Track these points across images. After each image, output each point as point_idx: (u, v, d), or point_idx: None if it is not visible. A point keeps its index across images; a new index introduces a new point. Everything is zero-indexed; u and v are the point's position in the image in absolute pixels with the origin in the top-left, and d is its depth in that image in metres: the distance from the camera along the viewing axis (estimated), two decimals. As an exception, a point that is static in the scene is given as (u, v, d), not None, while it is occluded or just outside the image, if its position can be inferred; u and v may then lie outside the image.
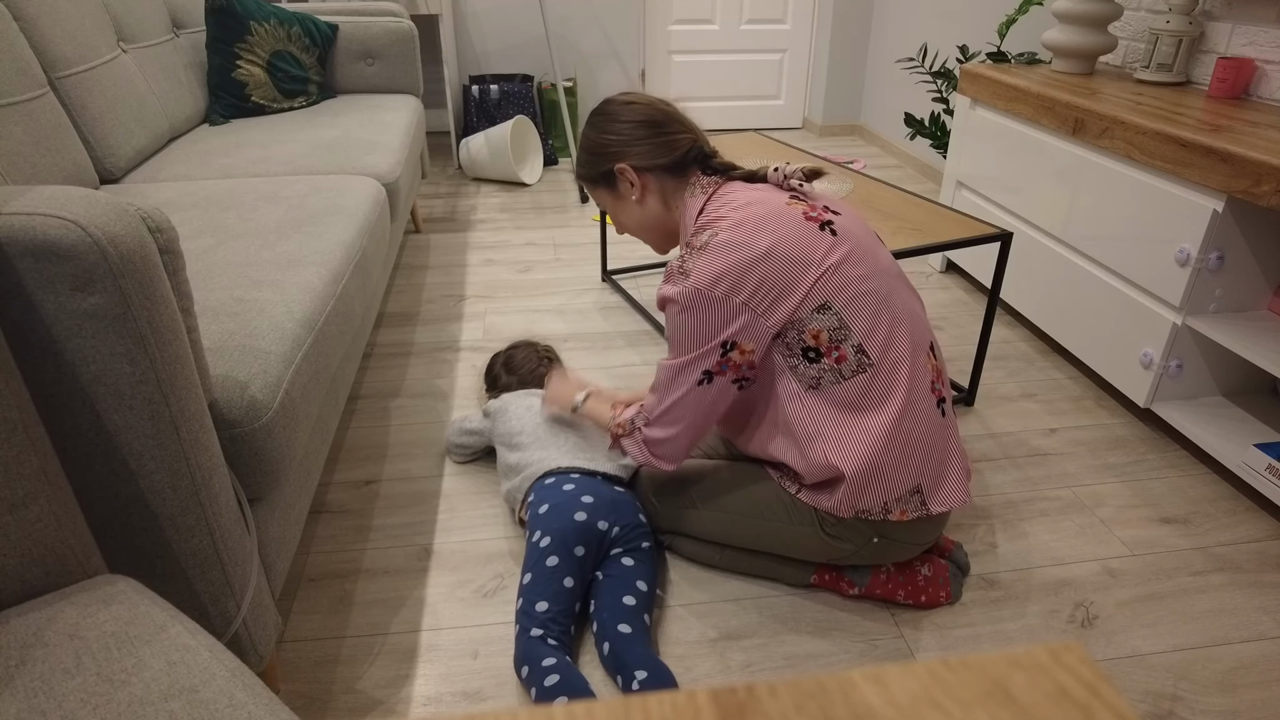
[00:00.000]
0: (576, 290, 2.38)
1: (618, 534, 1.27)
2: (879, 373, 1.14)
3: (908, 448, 1.15)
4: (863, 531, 1.19)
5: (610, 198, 1.32)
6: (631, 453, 1.28)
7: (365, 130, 2.23)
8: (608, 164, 1.27)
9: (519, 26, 3.81)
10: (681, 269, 1.15)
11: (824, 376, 1.14)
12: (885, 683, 0.25)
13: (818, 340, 1.13)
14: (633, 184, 1.26)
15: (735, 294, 1.11)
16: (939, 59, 3.35)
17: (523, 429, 1.46)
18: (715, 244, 1.12)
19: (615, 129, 1.26)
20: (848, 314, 1.13)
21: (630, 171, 1.25)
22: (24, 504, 0.71)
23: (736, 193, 1.19)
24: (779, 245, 1.12)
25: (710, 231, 1.14)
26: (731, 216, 1.14)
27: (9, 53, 1.51)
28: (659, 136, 1.24)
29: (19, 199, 0.73)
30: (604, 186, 1.31)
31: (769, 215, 1.14)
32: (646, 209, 1.28)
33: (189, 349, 0.85)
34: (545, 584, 1.18)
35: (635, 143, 1.24)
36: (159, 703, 0.63)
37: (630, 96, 1.27)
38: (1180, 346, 1.64)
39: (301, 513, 1.20)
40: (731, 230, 1.13)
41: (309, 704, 1.13)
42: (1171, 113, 1.70)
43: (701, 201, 1.22)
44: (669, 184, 1.26)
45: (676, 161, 1.24)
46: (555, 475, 1.34)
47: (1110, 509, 1.52)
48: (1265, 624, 1.27)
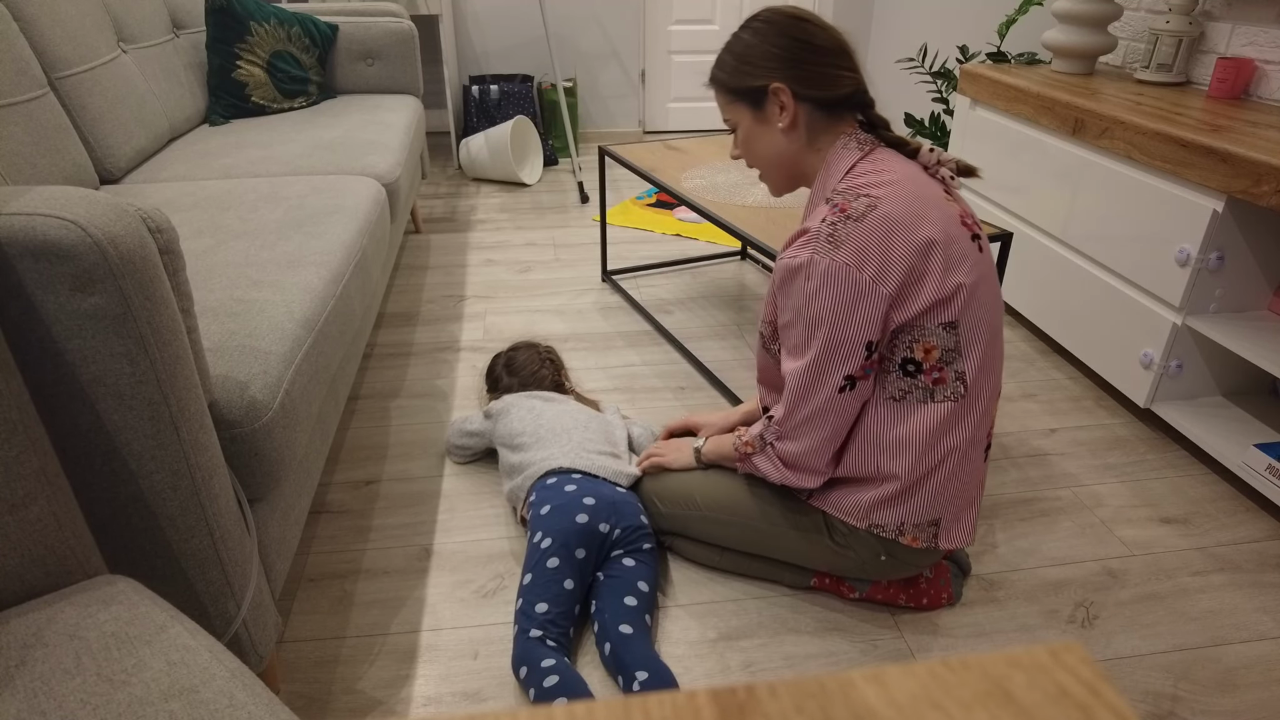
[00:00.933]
0: (576, 290, 2.38)
1: (619, 536, 1.26)
2: (964, 404, 1.09)
3: (948, 481, 1.13)
4: (870, 546, 1.18)
5: (751, 117, 1.15)
6: (765, 471, 1.17)
7: (365, 130, 2.23)
8: (763, 78, 1.11)
9: (519, 27, 3.81)
10: (833, 236, 1.01)
11: (912, 393, 1.07)
12: (885, 683, 0.25)
13: (927, 356, 1.05)
14: (783, 108, 1.11)
15: (882, 281, 1.00)
16: (939, 59, 3.35)
17: (524, 430, 1.45)
18: (876, 217, 1.00)
19: (779, 42, 1.09)
20: (966, 339, 1.05)
21: (787, 94, 1.10)
22: (24, 504, 0.71)
23: (893, 162, 1.08)
24: (939, 239, 1.02)
25: (867, 200, 1.02)
26: (889, 189, 1.03)
27: (9, 53, 1.51)
28: (830, 67, 1.09)
29: (19, 199, 0.73)
30: (746, 102, 1.15)
31: (930, 202, 1.03)
32: (789, 141, 1.13)
33: (189, 349, 0.85)
34: (545, 585, 1.18)
35: (797, 64, 1.09)
36: (159, 703, 0.63)
37: (800, 12, 1.11)
38: (1180, 347, 1.64)
39: (301, 513, 1.20)
40: (893, 204, 1.01)
41: (309, 704, 1.13)
42: (1171, 113, 1.70)
43: (855, 158, 1.09)
44: (820, 122, 1.12)
45: (838, 101, 1.10)
46: (557, 475, 1.33)
47: (1110, 509, 1.52)
48: (1265, 624, 1.27)
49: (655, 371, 1.96)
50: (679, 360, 2.01)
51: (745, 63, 1.12)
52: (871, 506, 1.14)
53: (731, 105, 1.17)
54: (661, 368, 1.97)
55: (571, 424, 1.46)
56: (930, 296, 1.02)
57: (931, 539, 1.16)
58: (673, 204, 3.10)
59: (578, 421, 1.47)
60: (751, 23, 1.13)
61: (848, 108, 1.12)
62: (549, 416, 1.47)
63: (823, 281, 1.01)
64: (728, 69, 1.15)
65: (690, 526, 1.32)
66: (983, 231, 1.11)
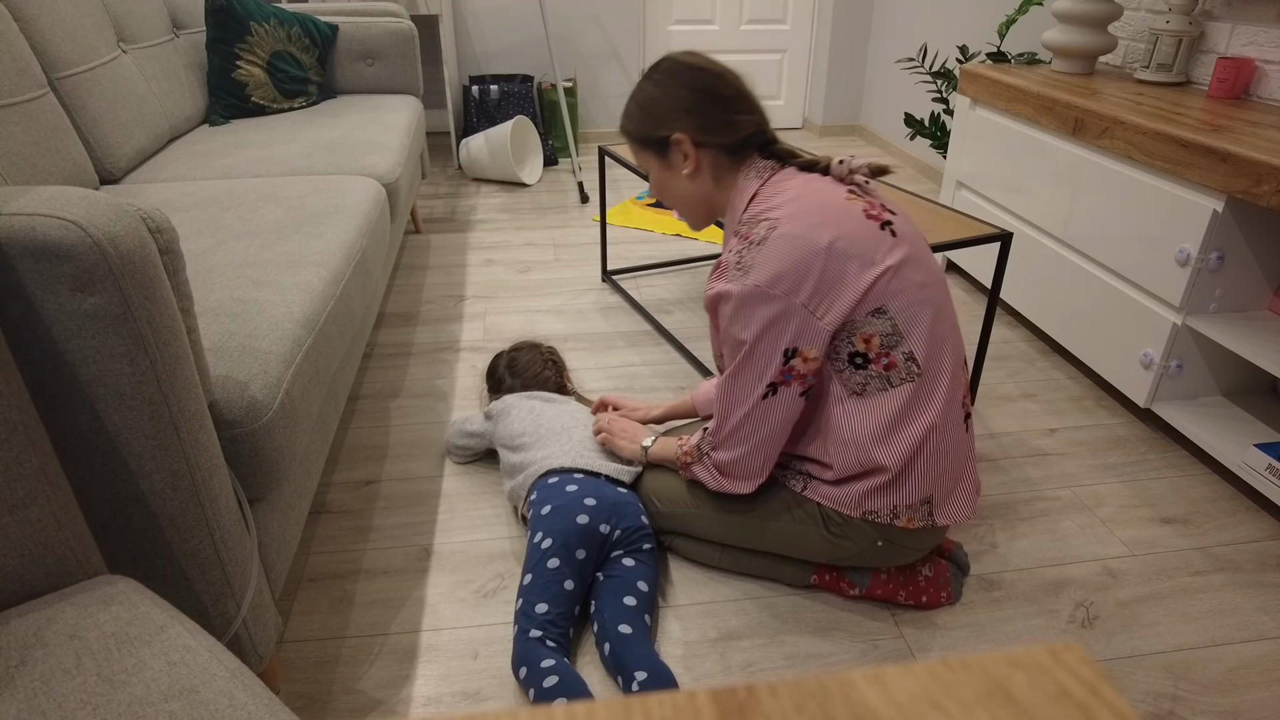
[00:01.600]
0: (576, 290, 2.38)
1: (619, 536, 1.26)
2: (924, 382, 1.11)
3: (932, 459, 1.14)
4: (866, 533, 1.19)
5: (657, 165, 1.22)
6: (703, 479, 1.24)
7: (365, 131, 2.23)
8: (663, 129, 1.17)
9: (519, 27, 3.81)
10: (740, 264, 1.07)
11: (870, 383, 1.10)
12: (885, 683, 0.25)
13: (868, 345, 1.09)
14: (687, 157, 1.17)
15: (795, 293, 1.05)
16: (939, 59, 3.35)
17: (525, 430, 1.45)
18: (775, 238, 1.05)
19: (679, 94, 1.15)
20: (903, 320, 1.09)
21: (688, 144, 1.16)
22: (24, 504, 0.71)
23: (792, 180, 1.13)
24: (839, 241, 1.06)
25: (768, 224, 1.07)
26: (788, 209, 1.08)
27: (9, 53, 1.51)
28: (724, 114, 1.15)
29: (19, 199, 0.73)
30: (652, 151, 1.21)
31: (827, 207, 1.08)
32: (697, 185, 1.20)
33: (189, 349, 0.85)
34: (546, 586, 1.18)
35: (697, 114, 1.14)
36: (159, 703, 0.63)
37: (700, 60, 1.16)
38: (1180, 346, 1.64)
39: (301, 513, 1.20)
40: (791, 222, 1.06)
41: (309, 704, 1.13)
42: (1171, 113, 1.70)
43: (755, 186, 1.15)
44: (724, 164, 1.18)
45: (739, 143, 1.16)
46: (558, 475, 1.33)
47: (1110, 509, 1.52)
48: (1265, 624, 1.27)
49: (655, 371, 1.96)
50: (679, 360, 2.01)
51: (649, 114, 1.18)
52: (864, 496, 1.15)
53: (640, 154, 1.24)
54: (661, 368, 1.97)
55: (572, 423, 1.46)
56: (852, 295, 1.06)
57: (927, 517, 1.17)
58: (673, 204, 3.09)
59: (578, 420, 1.47)
60: (653, 74, 1.18)
61: (751, 147, 1.17)
62: (549, 416, 1.47)
63: (738, 306, 1.08)
64: (634, 119, 1.21)
65: (689, 524, 1.32)
66: (896, 215, 1.13)
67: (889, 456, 1.12)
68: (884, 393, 1.11)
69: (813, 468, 1.20)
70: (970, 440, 1.20)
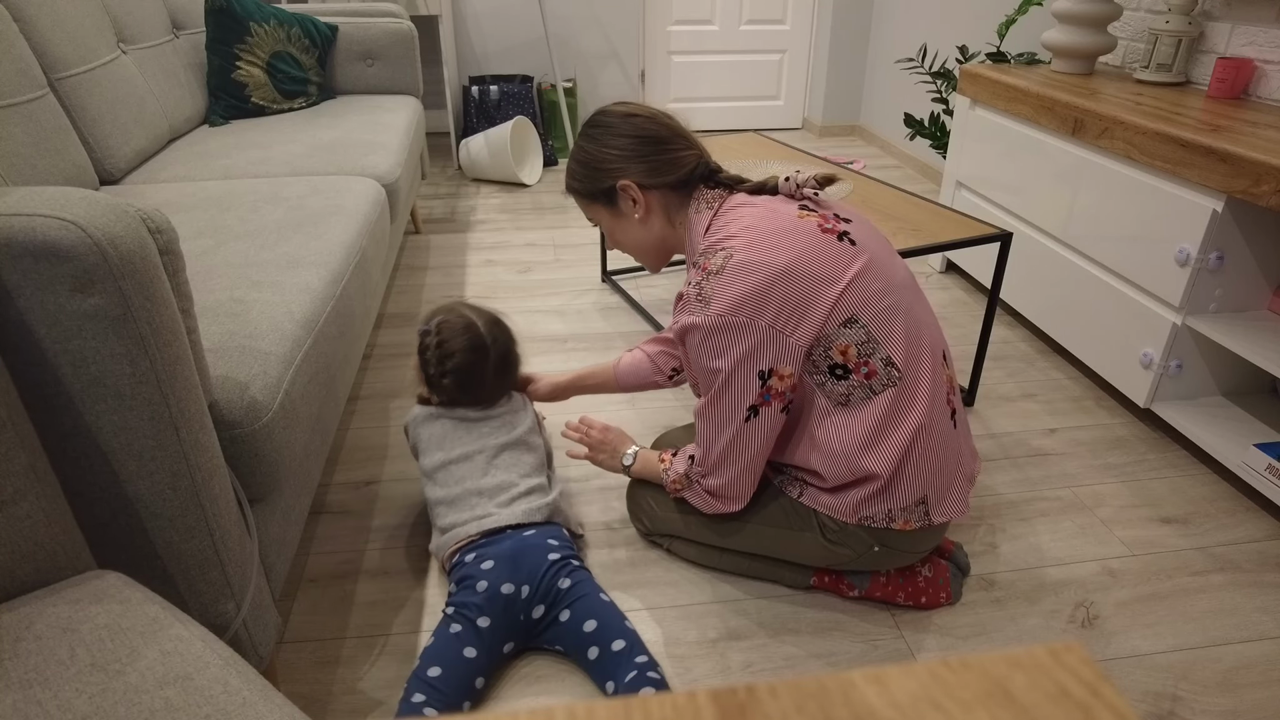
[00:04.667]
0: (576, 291, 2.38)
1: (530, 594, 1.15)
2: (905, 385, 1.11)
3: (923, 460, 1.13)
4: (863, 539, 1.18)
5: (608, 215, 1.24)
6: (695, 504, 1.25)
7: (365, 131, 2.23)
8: (608, 180, 1.19)
9: (519, 27, 3.81)
10: (700, 295, 1.09)
11: (854, 393, 1.11)
12: (885, 683, 0.25)
13: (845, 356, 1.09)
14: (635, 201, 1.19)
15: (759, 317, 1.06)
16: (938, 59, 3.36)
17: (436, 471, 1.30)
18: (732, 266, 1.07)
19: (616, 143, 1.18)
20: (875, 326, 1.09)
21: (634, 189, 1.18)
22: (13, 501, 0.71)
23: (744, 206, 1.14)
24: (798, 261, 1.06)
25: (724, 253, 1.08)
26: (743, 236, 1.09)
27: (9, 54, 1.51)
28: (664, 154, 1.17)
29: (19, 200, 0.73)
30: (601, 203, 1.23)
31: (782, 229, 1.09)
32: (649, 228, 1.22)
33: (189, 350, 0.85)
34: (443, 650, 1.10)
35: (638, 159, 1.17)
36: (154, 690, 0.63)
37: (630, 108, 1.20)
38: (1180, 346, 1.64)
39: (301, 513, 1.20)
40: (747, 250, 1.07)
41: (309, 704, 1.13)
42: (1171, 113, 1.70)
43: (708, 218, 1.16)
44: (673, 201, 1.20)
45: (681, 180, 1.19)
46: (467, 549, 1.22)
47: (1110, 509, 1.52)
48: (1265, 624, 1.27)
49: (655, 372, 1.95)
50: (679, 360, 2.01)
51: (591, 169, 1.20)
52: (859, 503, 1.15)
53: (590, 207, 1.26)
54: (661, 368, 1.97)
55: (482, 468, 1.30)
56: (820, 311, 1.07)
57: (924, 517, 1.17)
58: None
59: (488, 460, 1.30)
60: (588, 130, 1.21)
61: (695, 181, 1.19)
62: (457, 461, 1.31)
63: (705, 336, 1.08)
64: (578, 177, 1.23)
65: (686, 529, 1.33)
66: (851, 223, 1.14)
67: (878, 463, 1.12)
68: (868, 401, 1.11)
69: (808, 475, 1.21)
70: (959, 435, 1.20)
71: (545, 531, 1.24)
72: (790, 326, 1.06)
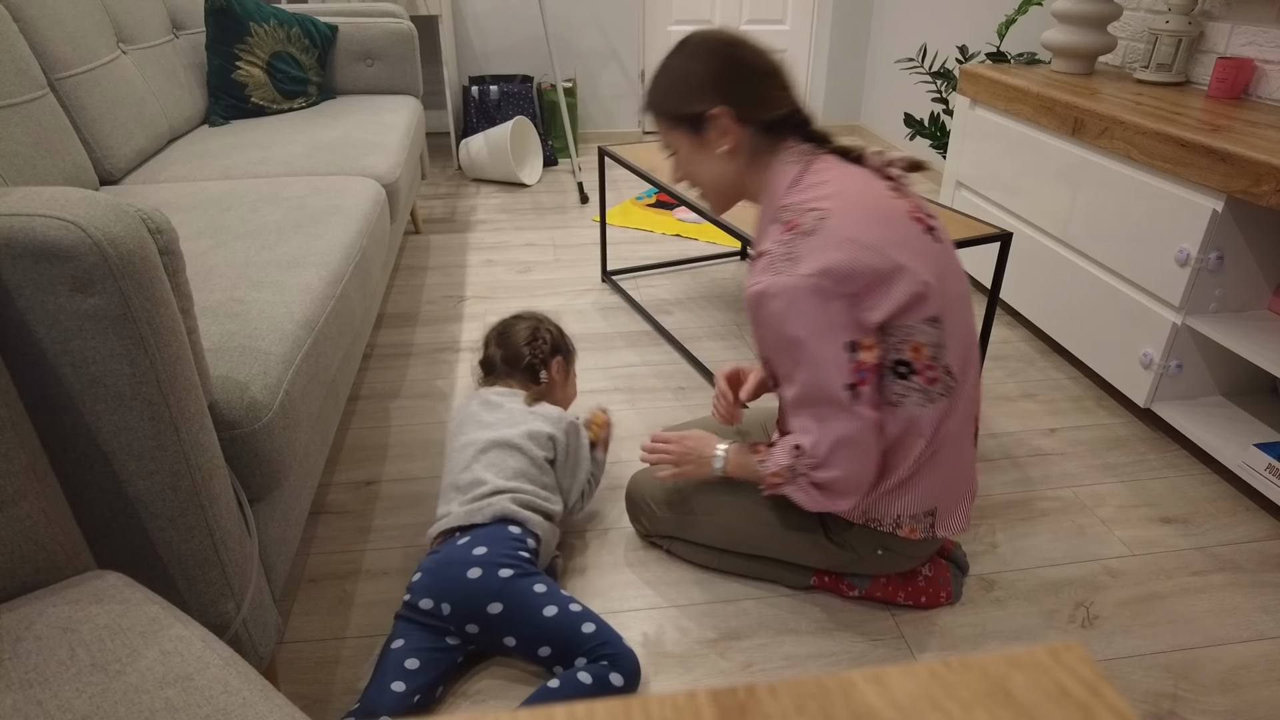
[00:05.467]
0: (576, 291, 2.38)
1: (452, 611, 1.11)
2: (955, 397, 1.08)
3: (941, 470, 1.13)
4: (868, 541, 1.18)
5: (690, 143, 1.13)
6: (798, 499, 1.13)
7: (365, 131, 2.23)
8: (700, 104, 1.08)
9: (519, 27, 3.81)
10: (789, 255, 1.00)
11: (910, 396, 1.06)
12: (886, 683, 0.25)
13: (917, 354, 1.04)
14: (725, 133, 1.09)
15: (845, 285, 0.99)
16: (938, 59, 3.35)
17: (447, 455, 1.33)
18: (826, 229, 0.99)
19: (718, 67, 1.07)
20: (948, 330, 1.04)
21: (727, 119, 1.07)
22: (13, 501, 0.71)
23: (835, 170, 1.06)
24: (889, 241, 1.00)
25: (816, 214, 1.01)
26: (836, 200, 1.02)
27: (9, 54, 1.51)
28: (768, 89, 1.08)
29: (19, 200, 0.73)
30: (685, 128, 1.12)
31: (877, 205, 1.03)
32: (731, 165, 1.12)
33: (189, 350, 0.85)
34: (380, 655, 1.11)
35: (738, 89, 1.07)
36: (154, 690, 0.63)
37: (734, 35, 1.09)
38: (1180, 346, 1.64)
39: (301, 513, 1.20)
40: (840, 215, 1.00)
41: (309, 704, 1.13)
42: (1171, 113, 1.70)
43: (796, 172, 1.08)
44: (762, 143, 1.10)
45: (777, 121, 1.09)
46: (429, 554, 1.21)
47: (1110, 509, 1.52)
48: (1265, 624, 1.27)
49: (655, 371, 1.96)
50: (679, 360, 2.01)
51: (683, 88, 1.10)
52: (869, 504, 1.14)
53: (670, 131, 1.15)
54: (661, 368, 1.97)
55: (465, 462, 1.28)
56: (900, 297, 1.01)
57: (929, 529, 1.16)
58: (673, 204, 3.10)
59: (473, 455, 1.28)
60: (685, 47, 1.11)
61: (788, 127, 1.10)
62: (456, 451, 1.32)
63: (789, 300, 1.00)
64: (664, 94, 1.13)
65: (687, 529, 1.32)
66: (937, 221, 1.10)
67: (902, 462, 1.10)
68: (921, 409, 1.07)
69: None
70: (974, 456, 1.19)
71: (478, 538, 1.16)
72: (868, 303, 1.00)
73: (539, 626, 1.10)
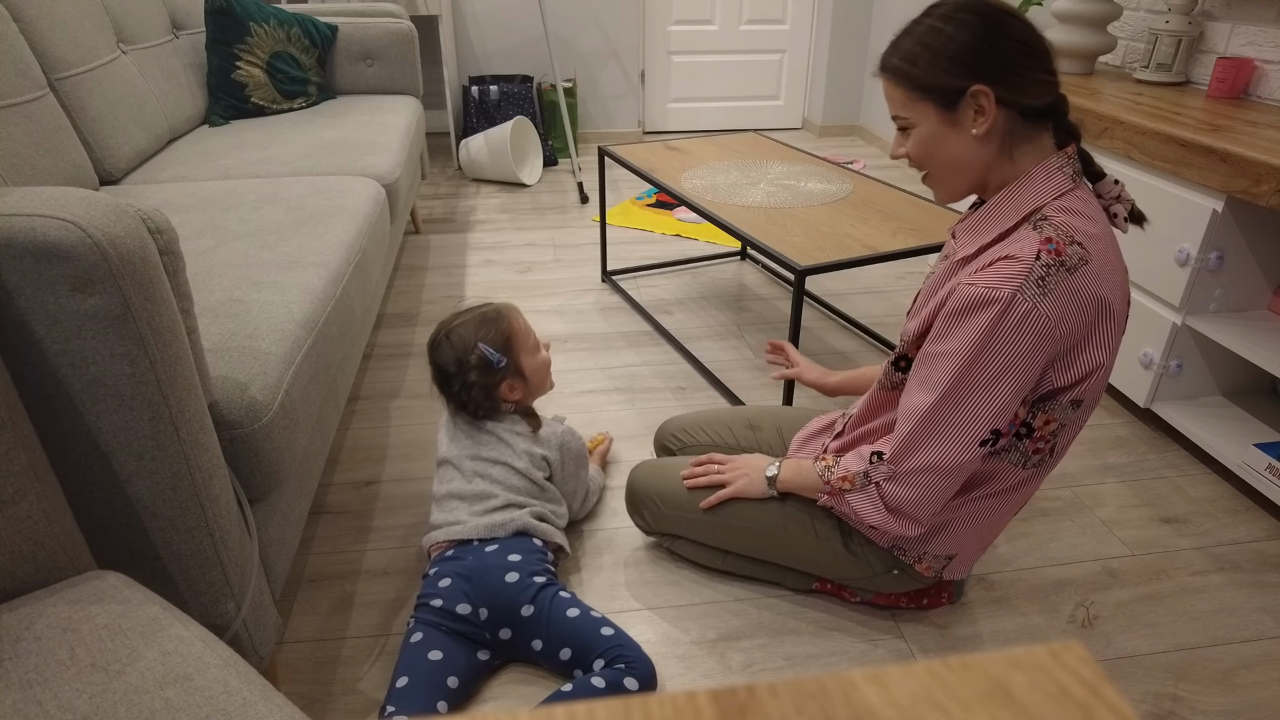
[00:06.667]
0: (576, 291, 2.38)
1: (490, 616, 1.13)
2: (1043, 471, 1.06)
3: (982, 525, 1.12)
4: (885, 560, 1.18)
5: (937, 118, 0.99)
6: (861, 511, 1.08)
7: (365, 131, 2.23)
8: (962, 79, 0.95)
9: (518, 27, 3.81)
10: (1043, 280, 0.90)
11: (1009, 453, 1.03)
12: (886, 683, 0.25)
13: (1044, 427, 1.00)
14: (983, 113, 0.96)
15: (1065, 341, 0.92)
16: (938, 59, 3.35)
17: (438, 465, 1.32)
18: (1085, 273, 0.91)
19: (993, 40, 0.94)
20: (1080, 418, 1.00)
21: (990, 98, 0.95)
22: (13, 501, 0.71)
23: (1095, 206, 0.98)
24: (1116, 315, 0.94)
25: (1080, 251, 0.91)
26: (1098, 244, 0.93)
27: (9, 54, 1.51)
28: (1036, 72, 0.95)
29: (19, 200, 0.73)
30: (934, 101, 0.98)
31: (1121, 273, 0.95)
32: (983, 149, 0.99)
33: (189, 350, 0.85)
34: (408, 659, 1.09)
35: (1008, 67, 0.94)
36: (154, 690, 0.63)
37: (1003, 4, 0.96)
38: (1180, 346, 1.64)
39: (302, 514, 1.20)
40: (1099, 271, 0.92)
41: (309, 705, 1.13)
42: (1171, 113, 1.70)
43: (1065, 183, 0.96)
44: (1020, 131, 0.98)
45: (1040, 109, 0.97)
46: (437, 556, 1.22)
47: (1110, 509, 1.52)
48: (1265, 624, 1.27)
49: (655, 371, 1.96)
50: (679, 360, 2.01)
51: (943, 57, 0.96)
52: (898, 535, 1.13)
53: (914, 102, 1.00)
54: (661, 368, 1.97)
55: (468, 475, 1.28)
56: (1078, 372, 0.95)
57: (941, 569, 1.17)
58: (673, 204, 3.10)
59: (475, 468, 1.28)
60: (953, 12, 0.96)
61: (1047, 116, 0.99)
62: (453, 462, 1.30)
63: (1017, 327, 0.91)
64: (919, 62, 0.98)
65: (693, 529, 1.30)
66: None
67: (956, 508, 1.09)
68: (1009, 466, 1.04)
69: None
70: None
71: (508, 546, 1.19)
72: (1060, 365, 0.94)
73: (563, 628, 1.13)
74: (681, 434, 1.45)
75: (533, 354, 1.35)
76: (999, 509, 1.11)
